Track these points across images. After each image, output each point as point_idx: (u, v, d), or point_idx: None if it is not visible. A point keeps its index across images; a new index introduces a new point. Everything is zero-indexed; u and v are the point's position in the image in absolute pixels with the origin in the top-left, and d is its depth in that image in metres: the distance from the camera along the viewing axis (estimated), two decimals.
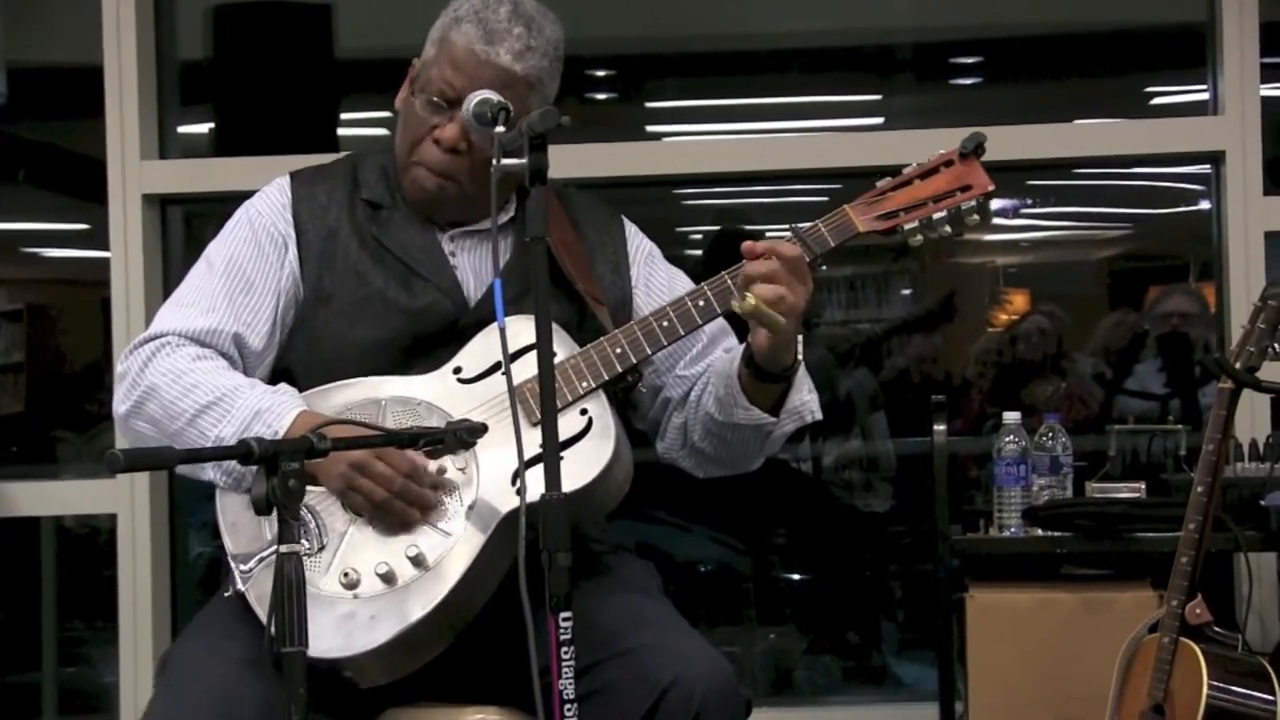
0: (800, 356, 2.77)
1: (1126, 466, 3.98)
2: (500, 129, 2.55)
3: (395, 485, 2.60)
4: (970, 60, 5.63)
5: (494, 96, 2.65)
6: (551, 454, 2.35)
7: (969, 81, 5.79)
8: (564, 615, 2.32)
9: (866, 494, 5.77)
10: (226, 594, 2.72)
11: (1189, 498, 3.23)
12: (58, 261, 6.23)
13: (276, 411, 2.64)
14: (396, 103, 2.89)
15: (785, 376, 2.77)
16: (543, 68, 2.78)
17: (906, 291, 6.55)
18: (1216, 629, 3.20)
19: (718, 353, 2.92)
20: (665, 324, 2.74)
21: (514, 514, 2.58)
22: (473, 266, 2.88)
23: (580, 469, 2.58)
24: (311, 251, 2.84)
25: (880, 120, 5.87)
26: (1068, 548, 3.74)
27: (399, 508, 2.62)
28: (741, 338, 2.83)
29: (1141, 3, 5.01)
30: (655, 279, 2.97)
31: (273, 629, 2.23)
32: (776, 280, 2.63)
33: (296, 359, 2.84)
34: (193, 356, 2.74)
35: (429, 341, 2.80)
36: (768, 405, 2.79)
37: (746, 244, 2.69)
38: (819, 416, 2.88)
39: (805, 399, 2.84)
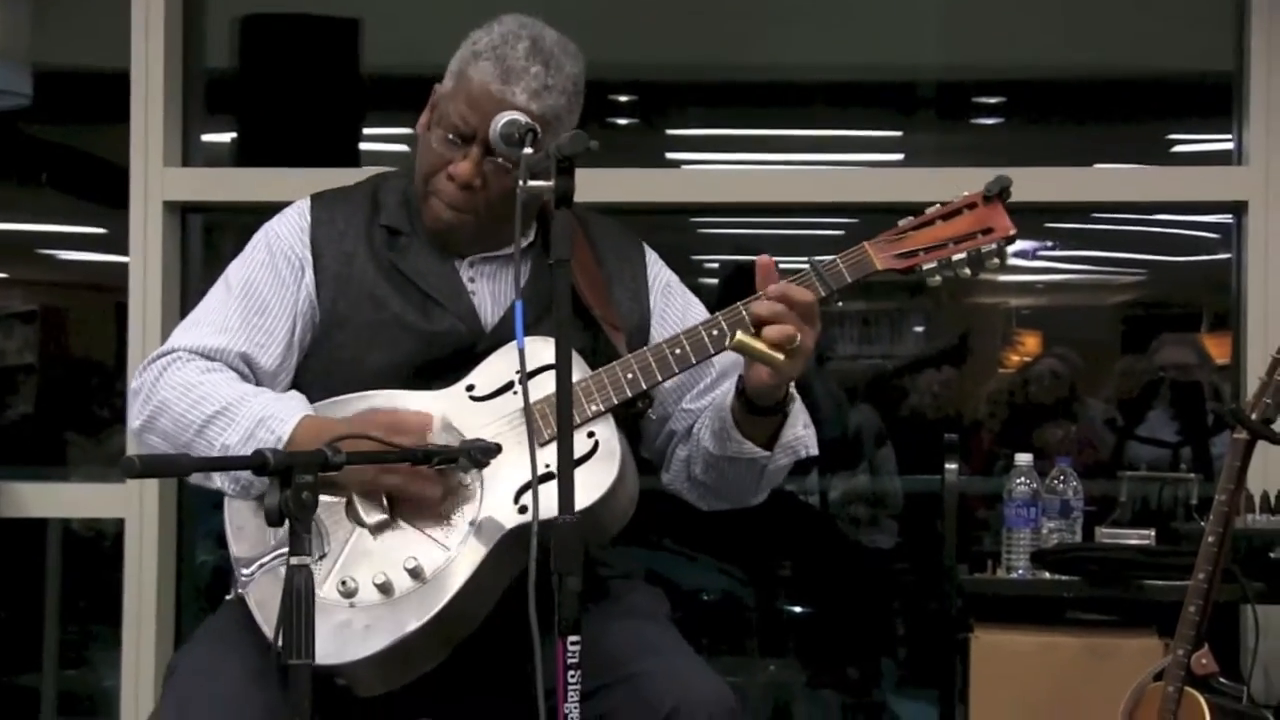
0: (794, 391, 2.77)
1: (1136, 513, 3.98)
2: (528, 150, 2.55)
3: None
4: (993, 100, 5.63)
5: (522, 118, 2.65)
6: (566, 475, 2.35)
7: (991, 121, 5.79)
8: (572, 639, 2.31)
9: (872, 530, 5.76)
10: (228, 597, 2.78)
11: (1199, 547, 3.22)
12: (73, 264, 6.23)
13: (280, 417, 2.66)
14: (418, 128, 2.88)
15: (778, 410, 2.76)
16: (560, 105, 2.77)
17: (919, 329, 6.55)
18: (1222, 680, 3.20)
19: (725, 387, 2.90)
20: (678, 351, 2.74)
21: (516, 531, 2.60)
22: (491, 292, 2.88)
23: (582, 492, 2.56)
24: (327, 275, 2.85)
25: (900, 156, 5.87)
26: (1075, 592, 3.73)
27: (425, 476, 2.62)
28: None
29: (1168, 50, 5.01)
30: (671, 310, 2.97)
31: (280, 641, 2.24)
32: (783, 321, 2.63)
33: (312, 380, 2.84)
34: (201, 370, 2.76)
35: (443, 365, 2.80)
36: (762, 439, 2.78)
37: (762, 259, 2.69)
38: (814, 452, 2.87)
39: (800, 434, 2.83)
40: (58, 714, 5.09)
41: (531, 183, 2.49)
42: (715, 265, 5.98)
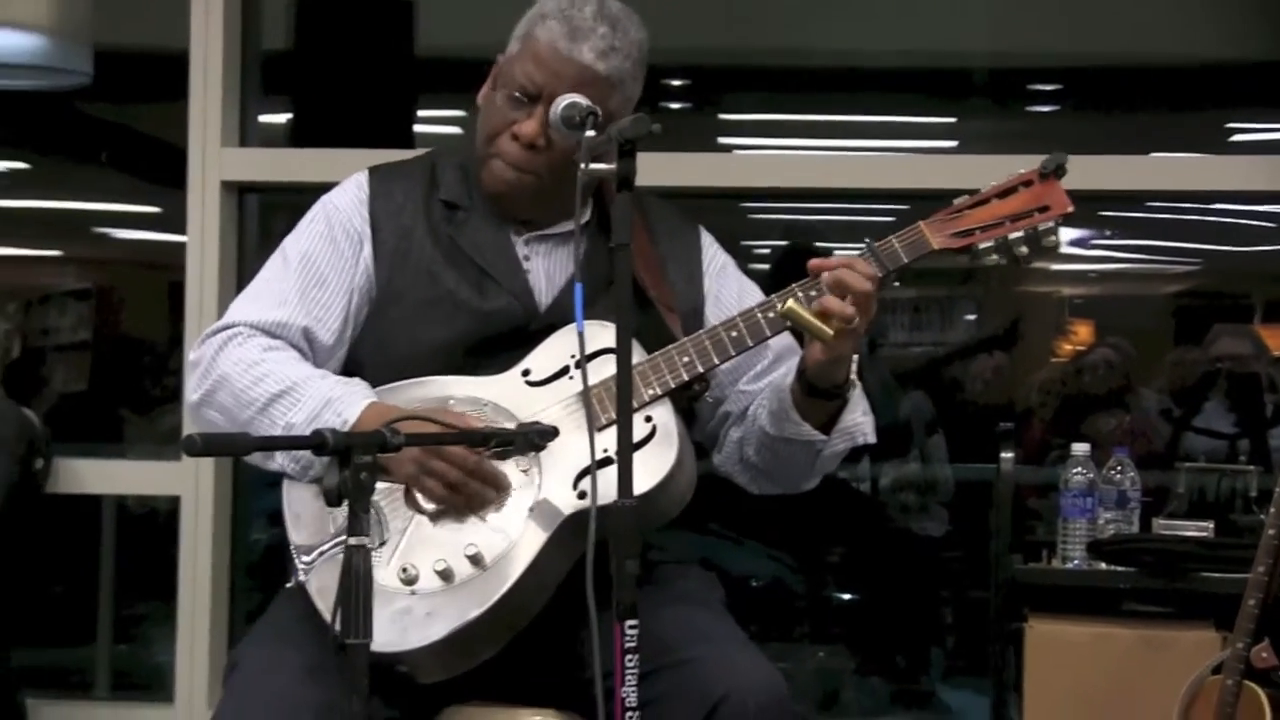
0: (854, 377, 2.75)
1: (1193, 505, 3.95)
2: (590, 133, 2.55)
3: (469, 463, 2.61)
4: (1048, 88, 5.61)
5: (582, 100, 2.64)
6: (625, 459, 2.35)
7: (1045, 109, 5.77)
8: (630, 623, 2.31)
9: (922, 517, 5.75)
10: (289, 584, 2.76)
11: (1258, 539, 3.20)
12: (127, 243, 6.27)
13: (347, 400, 2.65)
14: (479, 98, 2.88)
15: (838, 394, 2.75)
16: (625, 69, 2.77)
17: (970, 316, 6.54)
18: None
19: (781, 370, 2.88)
20: (734, 334, 2.73)
21: (575, 516, 2.59)
22: (546, 270, 2.87)
23: (641, 476, 2.56)
24: (385, 249, 2.84)
25: (954, 143, 5.86)
26: (1131, 583, 3.71)
27: (474, 487, 2.62)
28: None
29: (1226, 38, 4.98)
30: (725, 292, 2.95)
31: (338, 621, 2.24)
32: (840, 293, 2.62)
33: (365, 356, 2.84)
34: (264, 347, 2.75)
35: (496, 344, 2.79)
36: (820, 422, 2.76)
37: (813, 261, 2.68)
38: (871, 439, 2.84)
39: (859, 420, 2.81)
40: (111, 689, 5.11)
41: (593, 165, 2.48)
42: (766, 250, 5.98)
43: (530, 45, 2.76)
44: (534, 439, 2.54)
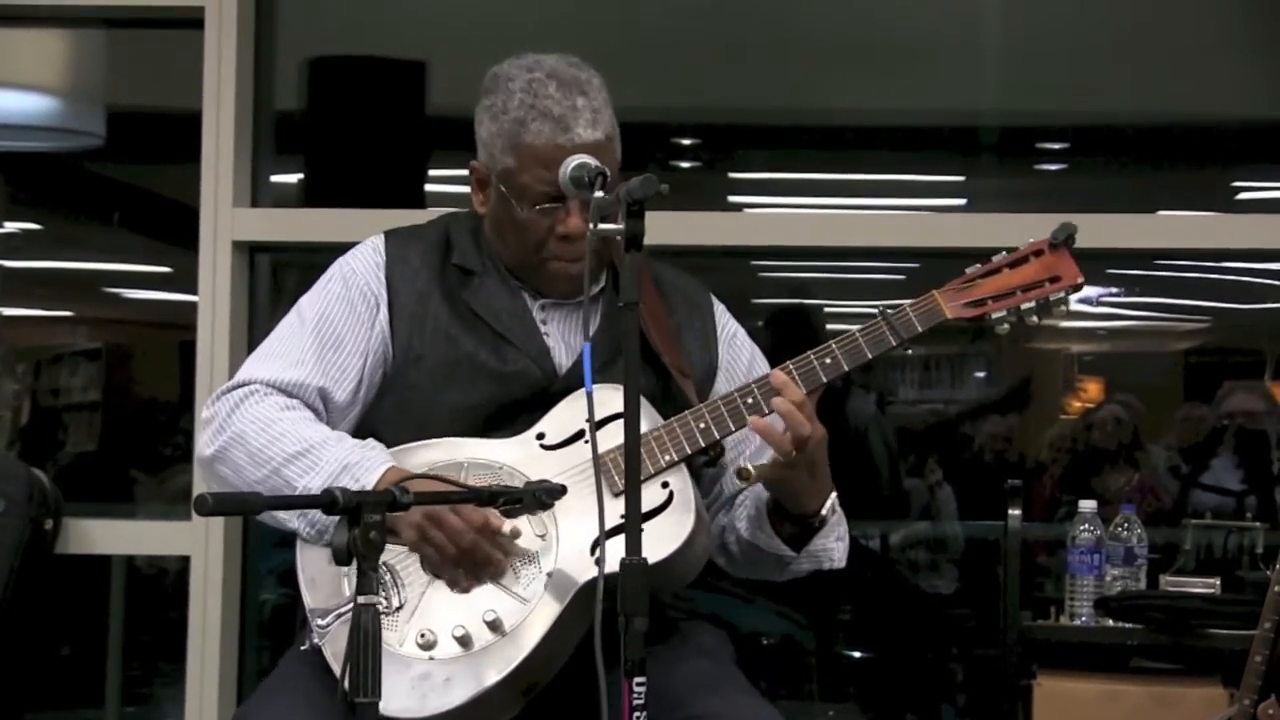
0: (829, 509, 2.77)
1: (1201, 561, 3.96)
2: (599, 193, 2.54)
3: (465, 541, 2.61)
4: (1055, 146, 5.61)
5: (591, 161, 2.64)
6: (634, 518, 2.35)
7: (1054, 167, 5.77)
8: (638, 680, 2.31)
9: (932, 575, 5.75)
10: (303, 647, 2.75)
11: (1265, 596, 3.21)
12: (138, 303, 6.27)
13: (365, 466, 2.65)
14: (477, 206, 2.88)
15: (807, 522, 2.77)
16: (609, 115, 2.78)
17: (981, 374, 6.54)
18: None
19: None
20: (749, 400, 2.74)
21: (592, 584, 2.57)
22: (562, 334, 2.88)
23: (660, 543, 2.57)
24: (403, 314, 2.84)
25: (963, 201, 5.86)
26: (1139, 640, 3.72)
27: (470, 563, 2.63)
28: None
29: (1233, 96, 4.99)
30: (738, 362, 2.97)
31: (346, 680, 2.24)
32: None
33: (384, 419, 2.84)
34: (280, 406, 2.76)
35: (516, 407, 2.80)
36: (791, 536, 2.79)
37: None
38: (839, 565, 2.86)
39: (830, 546, 2.83)
40: None
41: (601, 225, 2.48)
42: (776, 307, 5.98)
43: (529, 154, 2.75)
44: (541, 497, 2.53)
